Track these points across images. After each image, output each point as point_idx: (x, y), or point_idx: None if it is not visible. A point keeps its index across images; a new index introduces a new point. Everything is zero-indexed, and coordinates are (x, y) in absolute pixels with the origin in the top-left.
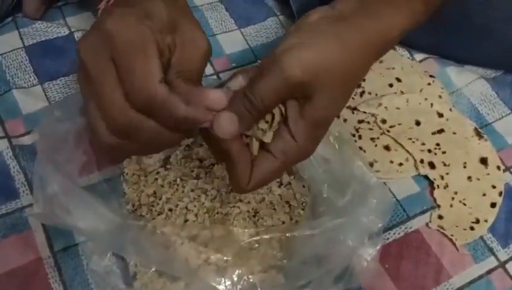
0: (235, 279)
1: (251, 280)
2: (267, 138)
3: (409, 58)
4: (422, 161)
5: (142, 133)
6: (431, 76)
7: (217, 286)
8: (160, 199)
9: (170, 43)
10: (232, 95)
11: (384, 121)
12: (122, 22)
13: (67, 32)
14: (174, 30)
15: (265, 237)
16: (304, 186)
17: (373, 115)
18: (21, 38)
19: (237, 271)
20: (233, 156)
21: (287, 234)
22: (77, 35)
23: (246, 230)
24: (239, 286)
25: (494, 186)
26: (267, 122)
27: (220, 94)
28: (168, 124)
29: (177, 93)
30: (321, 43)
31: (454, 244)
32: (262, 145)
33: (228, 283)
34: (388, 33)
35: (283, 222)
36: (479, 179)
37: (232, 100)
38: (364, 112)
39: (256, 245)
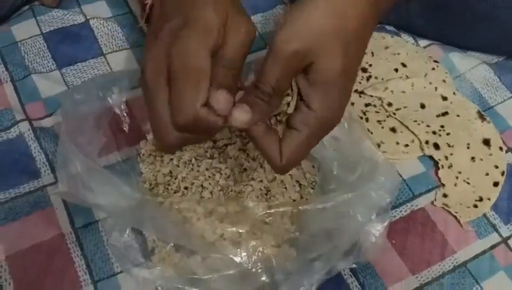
0: (250, 251)
1: (265, 252)
2: (290, 109)
3: (413, 44)
4: (427, 142)
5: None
6: (435, 61)
7: (234, 258)
8: (176, 178)
9: (222, 37)
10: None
11: (390, 104)
12: (184, 48)
13: (83, 19)
14: (224, 27)
15: (279, 210)
16: (313, 167)
17: (379, 98)
18: (38, 26)
19: (252, 243)
20: (258, 140)
21: (300, 207)
22: (93, 23)
23: (260, 203)
24: (254, 257)
25: (496, 166)
26: (288, 94)
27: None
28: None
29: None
30: (304, 11)
31: (458, 221)
32: (287, 123)
33: (244, 254)
34: None
35: (294, 200)
36: (482, 160)
37: (243, 95)
38: (371, 96)
39: (270, 218)
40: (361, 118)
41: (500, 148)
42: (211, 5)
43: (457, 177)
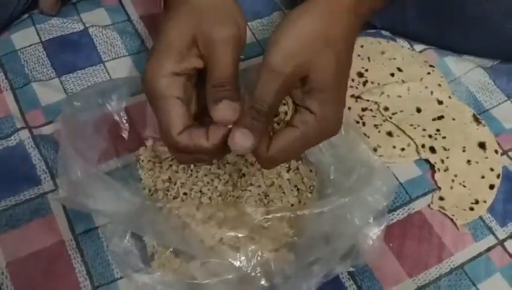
0: (249, 255)
1: (264, 256)
2: (288, 117)
3: (409, 49)
4: (423, 146)
5: (188, 159)
6: (431, 66)
7: (233, 262)
8: (175, 184)
9: (203, 53)
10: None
11: (386, 109)
12: (152, 73)
13: (82, 27)
14: (203, 39)
15: (277, 215)
16: (311, 171)
17: (376, 103)
18: (38, 34)
19: (251, 247)
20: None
21: (298, 212)
22: (91, 31)
23: (258, 208)
24: (253, 262)
25: (492, 169)
26: (284, 103)
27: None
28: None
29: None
30: (294, 29)
31: (455, 224)
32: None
33: (243, 258)
34: None
35: (292, 205)
36: (477, 163)
37: (240, 116)
38: (368, 100)
39: (269, 223)
40: (358, 122)
41: (496, 151)
42: (175, 26)
43: (453, 180)
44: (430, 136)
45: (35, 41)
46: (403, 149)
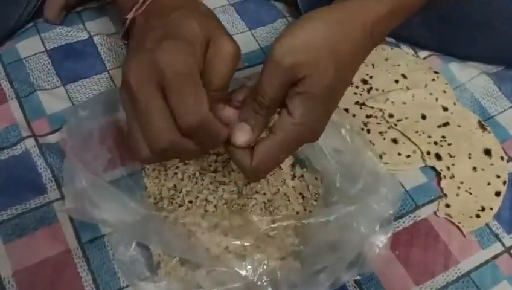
0: (255, 264)
1: (270, 264)
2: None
3: (413, 55)
4: (428, 153)
5: (179, 154)
6: (435, 72)
7: (239, 271)
8: (180, 192)
9: (203, 54)
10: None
11: (391, 116)
12: (172, 55)
13: (86, 36)
14: (207, 46)
15: (282, 224)
16: (316, 179)
17: (380, 110)
18: (43, 43)
19: (257, 255)
20: (230, 147)
21: (303, 221)
22: (96, 39)
23: (264, 217)
24: (259, 270)
25: (498, 176)
26: None
27: (230, 112)
28: (207, 144)
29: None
30: (303, 29)
31: (461, 231)
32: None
33: (249, 267)
34: (373, 10)
35: (297, 212)
36: (483, 169)
37: (244, 108)
38: (372, 107)
39: (274, 232)
40: (363, 129)
41: (501, 158)
42: (196, 22)
43: (459, 187)
44: (435, 143)
45: (40, 50)
46: (408, 156)
